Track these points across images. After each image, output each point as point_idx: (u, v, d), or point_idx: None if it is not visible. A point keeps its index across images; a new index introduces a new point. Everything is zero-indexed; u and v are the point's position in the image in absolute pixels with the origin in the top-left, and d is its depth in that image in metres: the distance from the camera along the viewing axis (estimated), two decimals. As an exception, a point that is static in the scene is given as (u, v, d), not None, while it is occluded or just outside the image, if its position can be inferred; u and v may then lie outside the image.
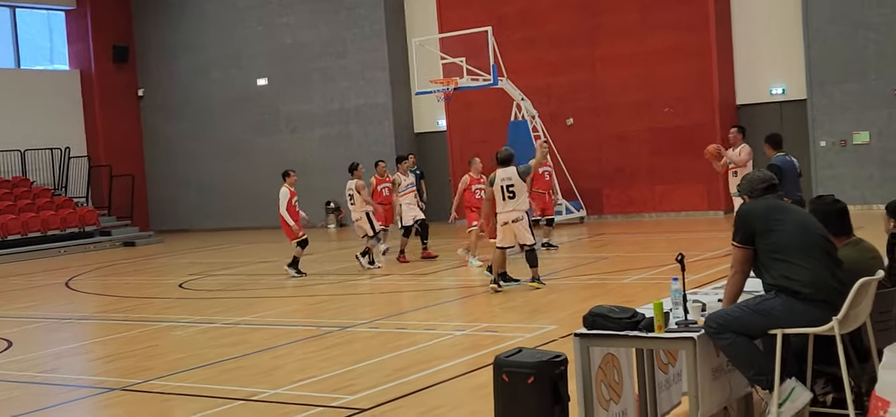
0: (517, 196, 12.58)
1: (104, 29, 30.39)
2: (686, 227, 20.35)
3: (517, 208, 12.60)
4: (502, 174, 12.63)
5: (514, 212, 12.60)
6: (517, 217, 12.59)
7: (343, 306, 12.96)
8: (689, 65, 22.23)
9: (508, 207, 12.61)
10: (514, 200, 12.57)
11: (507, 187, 12.56)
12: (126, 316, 13.82)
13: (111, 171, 29.72)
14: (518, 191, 12.58)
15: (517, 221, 12.59)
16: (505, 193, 12.58)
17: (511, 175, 12.58)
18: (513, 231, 12.62)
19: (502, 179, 12.61)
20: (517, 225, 12.60)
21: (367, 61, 26.92)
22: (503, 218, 12.66)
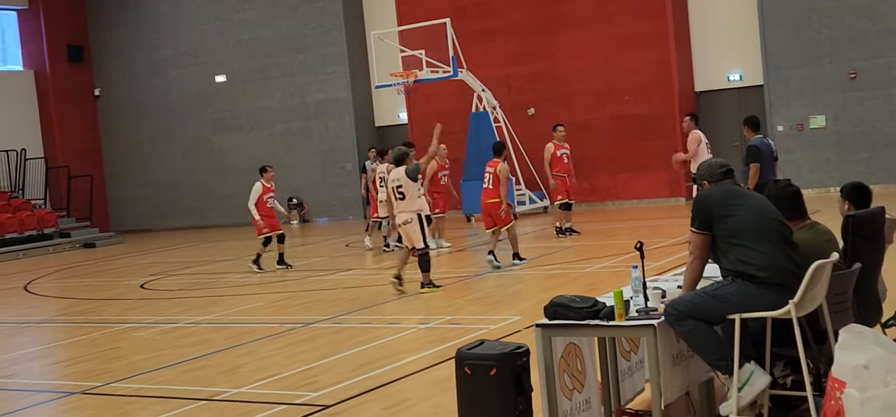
0: (407, 197, 12.28)
1: (58, 28, 29.98)
2: (648, 215, 20.48)
3: (407, 209, 12.31)
4: (393, 175, 12.40)
5: (404, 214, 12.34)
6: (407, 219, 12.31)
7: (306, 303, 12.91)
8: (647, 53, 22.36)
9: (398, 208, 12.38)
10: (404, 202, 12.29)
11: (397, 188, 12.32)
12: (87, 318, 13.67)
13: (69, 172, 29.36)
14: (407, 193, 12.28)
15: (407, 224, 12.31)
16: (395, 194, 12.36)
17: (400, 176, 12.32)
18: (405, 232, 12.39)
19: (393, 180, 12.38)
20: (407, 227, 12.31)
21: (326, 56, 26.80)
22: (398, 219, 12.49)
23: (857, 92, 20.74)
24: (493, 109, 22.72)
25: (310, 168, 26.87)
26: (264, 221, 16.26)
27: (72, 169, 29.45)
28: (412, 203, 12.31)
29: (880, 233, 6.30)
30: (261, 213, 16.34)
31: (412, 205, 12.32)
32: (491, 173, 14.35)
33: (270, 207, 16.53)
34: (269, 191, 16.53)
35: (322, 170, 26.85)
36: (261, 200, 16.32)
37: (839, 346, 5.07)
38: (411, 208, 12.32)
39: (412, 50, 21.93)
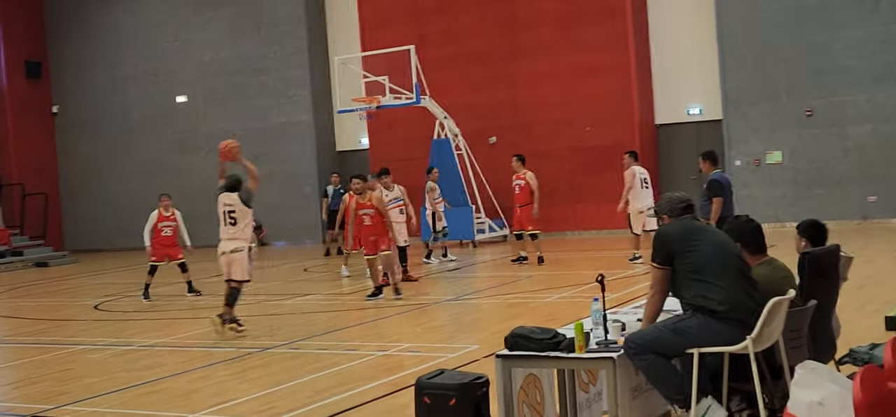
0: (238, 223, 11.67)
1: (16, 44, 29.64)
2: (607, 245, 20.59)
3: (239, 237, 11.72)
4: (226, 199, 11.73)
5: (235, 242, 11.70)
6: (237, 248, 11.69)
7: (262, 327, 12.79)
8: (608, 84, 22.55)
9: (228, 235, 11.72)
10: (235, 228, 11.67)
11: (229, 212, 11.70)
12: (38, 338, 13.43)
13: (24, 190, 28.96)
14: (240, 219, 11.67)
15: (235, 252, 11.68)
16: (226, 219, 11.70)
17: (233, 201, 11.70)
18: (228, 261, 11.73)
19: (224, 205, 11.74)
20: (235, 256, 11.67)
21: (288, 79, 26.74)
22: (221, 247, 11.78)
23: (812, 128, 21.06)
24: (455, 137, 22.76)
25: (269, 191, 26.53)
26: (157, 249, 16.25)
27: (26, 186, 29.06)
28: (246, 231, 11.78)
29: (835, 271, 6.38)
30: (155, 242, 16.31)
31: (246, 233, 11.79)
32: None
33: (166, 236, 16.43)
34: (164, 218, 16.51)
35: (281, 194, 26.70)
36: (155, 228, 16.39)
37: (795, 382, 5.11)
38: (244, 236, 11.76)
39: (375, 76, 21.94)
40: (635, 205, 16.36)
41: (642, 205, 16.14)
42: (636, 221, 16.41)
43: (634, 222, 16.51)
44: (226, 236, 11.78)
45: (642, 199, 16.29)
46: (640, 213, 16.16)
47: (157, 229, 16.44)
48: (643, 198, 16.32)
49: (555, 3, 23.07)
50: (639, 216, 16.26)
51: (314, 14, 26.67)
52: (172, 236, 16.58)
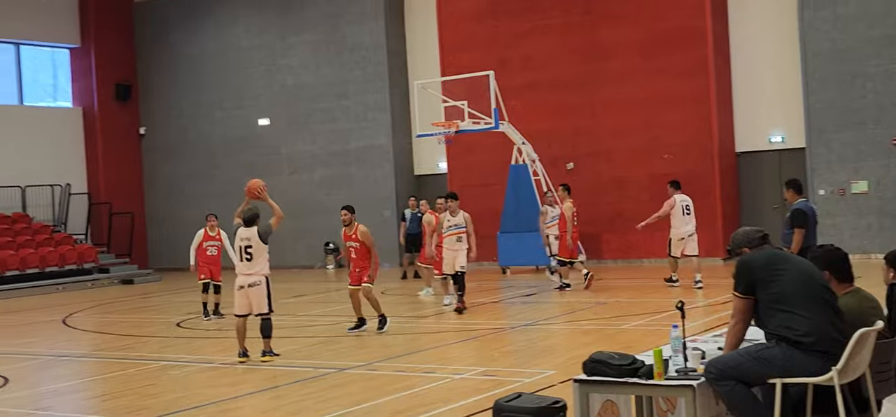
0: (254, 258, 11.76)
1: (108, 67, 30.54)
2: (684, 274, 20.30)
3: (255, 272, 11.83)
4: (243, 233, 11.83)
5: (251, 277, 11.83)
6: (255, 282, 11.81)
7: (340, 348, 12.94)
8: (688, 111, 22.33)
9: (245, 269, 11.82)
10: (251, 263, 11.77)
11: (245, 248, 11.80)
12: (123, 354, 13.78)
13: (111, 209, 29.75)
14: (256, 254, 11.77)
15: (253, 287, 11.82)
16: (243, 254, 11.80)
17: (250, 236, 11.79)
18: (247, 296, 11.86)
19: (241, 239, 11.83)
20: (253, 290, 11.82)
21: (368, 103, 27.05)
22: (238, 281, 11.89)
23: (900, 158, 20.57)
24: (533, 162, 22.75)
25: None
26: (203, 268, 16.54)
27: (114, 205, 29.84)
28: (262, 265, 11.86)
29: (925, 302, 6.23)
30: (200, 260, 16.55)
31: (263, 268, 11.87)
32: None
33: (211, 255, 16.67)
34: (210, 238, 16.77)
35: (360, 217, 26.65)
36: (200, 247, 16.63)
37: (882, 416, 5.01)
38: (261, 271, 11.85)
39: (455, 100, 22.06)
40: (677, 231, 17.43)
41: (683, 232, 17.36)
42: (676, 246, 17.43)
43: (674, 247, 17.49)
44: (242, 271, 11.89)
45: (683, 226, 17.41)
46: (681, 240, 17.33)
47: (202, 248, 16.78)
48: (684, 224, 17.42)
49: (635, 30, 22.96)
50: (679, 241, 17.38)
51: (394, 39, 26.97)
52: (216, 255, 16.92)
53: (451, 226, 15.70)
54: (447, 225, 15.68)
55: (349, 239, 13.83)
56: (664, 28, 22.59)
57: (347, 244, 13.89)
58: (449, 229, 15.71)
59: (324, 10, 27.74)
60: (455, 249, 15.63)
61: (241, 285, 11.90)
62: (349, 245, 13.86)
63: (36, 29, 29.52)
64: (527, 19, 24.21)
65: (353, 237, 13.75)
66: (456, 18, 25.17)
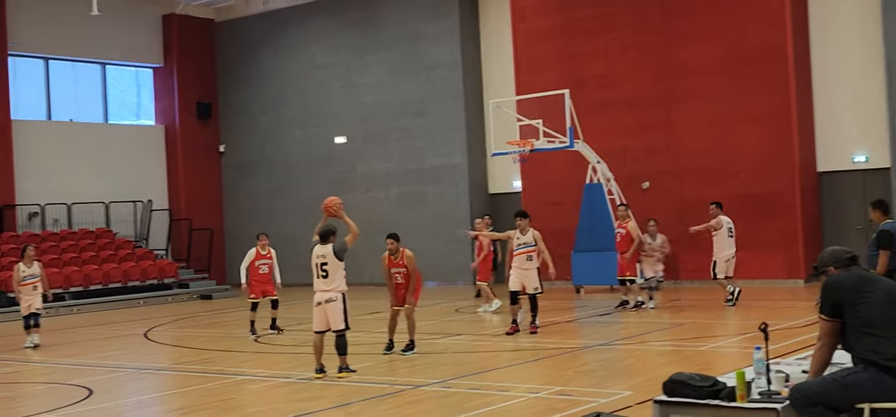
0: (330, 276, 11.83)
1: (189, 86, 31.23)
2: (764, 295, 19.97)
3: (330, 288, 11.87)
4: (319, 251, 11.90)
5: (327, 293, 11.87)
6: (331, 298, 11.85)
7: (416, 365, 12.98)
8: (768, 130, 21.98)
9: (321, 286, 11.89)
10: (326, 280, 11.84)
11: (321, 264, 11.87)
12: (203, 368, 14.02)
13: (191, 225, 30.33)
14: (332, 271, 11.83)
15: (330, 303, 11.87)
16: (318, 271, 11.87)
17: (326, 253, 11.86)
18: (324, 312, 11.93)
19: (317, 256, 11.91)
20: (330, 306, 11.86)
21: (444, 122, 27.18)
22: (316, 298, 11.93)
23: None
24: (607, 181, 22.60)
25: (422, 231, 27.11)
26: (255, 286, 16.75)
27: (193, 221, 30.43)
28: (339, 282, 11.91)
29: None
30: (252, 279, 16.65)
31: (340, 285, 11.93)
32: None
33: (263, 273, 16.85)
34: (261, 256, 16.96)
35: (434, 234, 27.05)
36: (253, 265, 16.79)
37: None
38: (338, 287, 11.91)
39: (530, 119, 22.04)
40: (722, 253, 17.99)
41: (727, 254, 17.95)
42: (722, 268, 17.97)
43: (719, 269, 18.00)
44: (319, 288, 11.98)
45: (727, 248, 17.99)
46: (726, 261, 17.96)
47: (254, 266, 17.03)
48: (728, 247, 18.00)
49: (713, 47, 22.69)
50: (724, 264, 17.96)
51: (470, 59, 27.08)
52: (268, 273, 17.18)
53: (520, 245, 15.34)
54: (517, 243, 15.38)
55: (395, 266, 13.81)
56: (743, 45, 22.29)
57: (393, 271, 13.85)
58: (519, 248, 15.35)
59: (401, 29, 28.00)
60: (524, 268, 15.20)
61: (318, 301, 12.01)
62: (395, 272, 13.84)
63: (121, 50, 30.31)
64: (602, 38, 24.12)
65: (399, 264, 13.75)
66: (531, 37, 25.18)
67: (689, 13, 23.00)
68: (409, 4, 27.81)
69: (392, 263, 13.85)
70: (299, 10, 30.05)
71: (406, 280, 13.80)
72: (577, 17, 24.49)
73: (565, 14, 24.65)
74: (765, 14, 21.99)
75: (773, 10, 21.86)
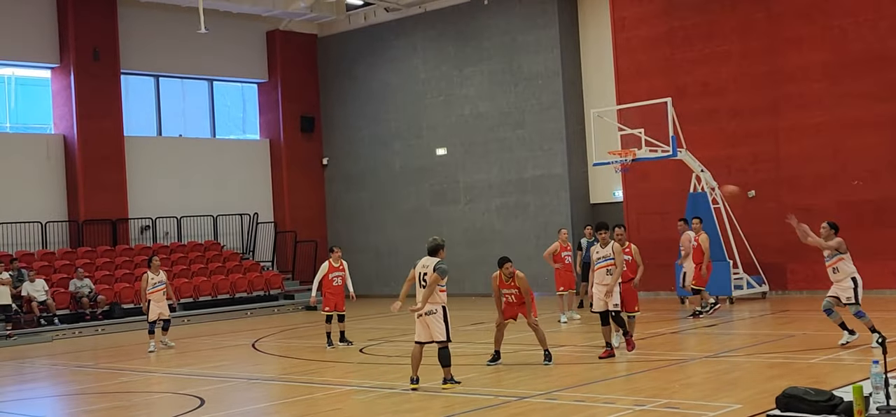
0: (429, 286, 11.97)
1: (293, 100, 31.88)
2: (877, 306, 19.34)
3: (431, 301, 11.99)
4: (424, 261, 12.23)
5: (428, 305, 12.01)
6: (429, 310, 12.02)
7: (520, 376, 12.98)
8: (879, 135, 21.37)
9: (420, 296, 12.04)
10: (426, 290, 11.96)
11: (422, 275, 12.06)
12: (310, 378, 14.27)
13: (296, 237, 30.92)
14: (430, 282, 11.97)
15: (429, 315, 12.04)
16: (420, 281, 12.05)
17: (429, 265, 12.12)
18: (426, 323, 12.09)
19: (422, 267, 12.18)
20: (430, 318, 12.06)
21: (544, 132, 27.14)
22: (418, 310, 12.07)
23: None
24: (712, 190, 22.25)
25: (524, 242, 27.11)
26: (328, 299, 17.13)
27: (298, 233, 31.01)
28: (436, 295, 12.05)
29: None
30: (326, 291, 16.94)
31: (439, 297, 12.07)
32: None
33: (336, 285, 16.97)
34: (335, 269, 17.08)
35: (536, 245, 26.99)
36: (326, 278, 17.14)
37: None
38: (438, 299, 12.05)
39: (631, 128, 21.86)
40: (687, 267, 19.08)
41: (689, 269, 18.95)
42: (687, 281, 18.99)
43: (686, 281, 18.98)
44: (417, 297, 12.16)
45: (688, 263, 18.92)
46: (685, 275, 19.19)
47: (328, 279, 17.25)
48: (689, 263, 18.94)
49: (821, 53, 22.17)
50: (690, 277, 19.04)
51: (570, 67, 27.00)
52: (341, 286, 17.43)
53: (599, 259, 14.49)
54: (596, 257, 14.56)
55: (507, 287, 13.84)
56: (852, 50, 21.74)
57: (505, 292, 13.88)
58: (599, 261, 14.50)
59: (500, 40, 28.08)
60: (603, 284, 14.26)
61: (418, 314, 12.18)
62: (506, 293, 13.88)
63: (227, 65, 31.14)
64: (705, 45, 23.80)
65: (511, 285, 13.78)
66: (632, 46, 24.99)
67: (795, 18, 22.55)
68: (509, 15, 27.88)
69: (504, 284, 13.90)
70: (399, 24, 30.40)
71: (518, 299, 13.85)
72: (679, 24, 24.22)
73: (667, 22, 24.40)
74: (876, 18, 21.45)
75: (885, 14, 21.27)
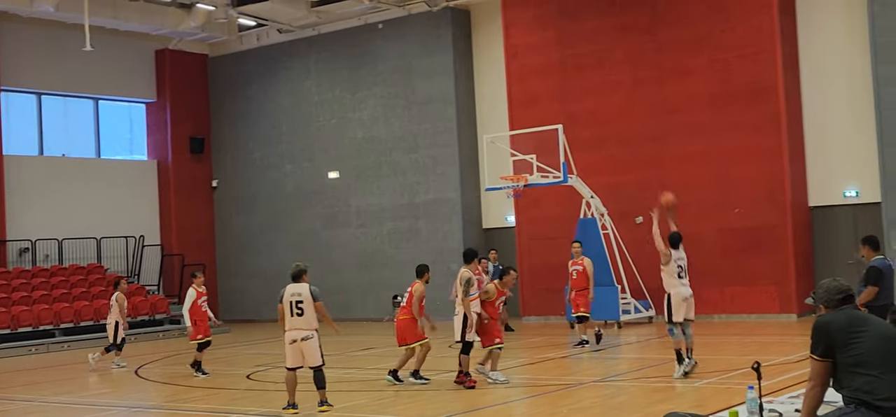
0: (305, 313, 12.10)
1: (182, 121, 31.26)
2: (757, 331, 19.98)
3: (306, 327, 12.10)
4: (292, 289, 12.23)
5: (303, 331, 12.10)
6: (307, 336, 12.10)
7: (411, 402, 12.92)
8: (760, 165, 22.07)
9: (296, 324, 12.11)
10: (302, 318, 12.08)
11: (296, 303, 12.13)
12: (194, 405, 13.93)
13: (183, 260, 30.23)
14: (306, 309, 12.11)
15: (306, 340, 12.10)
16: (293, 309, 12.12)
17: (301, 291, 12.16)
18: (300, 349, 12.10)
19: (291, 295, 12.18)
20: (307, 344, 12.08)
21: (437, 156, 27.21)
22: (290, 336, 12.13)
23: (981, 214, 20.01)
24: (601, 216, 22.64)
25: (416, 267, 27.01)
26: (200, 326, 16.90)
27: (186, 257, 30.33)
28: (314, 319, 12.15)
29: None
30: (196, 318, 16.81)
31: (314, 322, 12.16)
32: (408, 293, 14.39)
33: (204, 312, 16.99)
34: (201, 295, 16.95)
35: (428, 270, 26.96)
36: (195, 305, 16.89)
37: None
38: (313, 325, 12.15)
39: (523, 154, 22.09)
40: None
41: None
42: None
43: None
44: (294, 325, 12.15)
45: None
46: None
47: (197, 305, 17.03)
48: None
49: (706, 84, 22.82)
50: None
51: (464, 93, 27.17)
52: (207, 312, 17.32)
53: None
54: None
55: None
56: (735, 82, 22.43)
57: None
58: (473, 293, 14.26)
59: (394, 64, 28.10)
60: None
61: (293, 339, 12.14)
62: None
63: (114, 84, 30.37)
64: (596, 74, 24.24)
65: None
66: (525, 73, 25.30)
67: (682, 50, 23.16)
68: (403, 40, 27.93)
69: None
70: (293, 46, 30.16)
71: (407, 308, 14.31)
72: (570, 53, 24.63)
73: (559, 51, 24.79)
74: (757, 52, 22.17)
75: (765, 48, 22.03)
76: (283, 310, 12.13)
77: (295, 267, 12.46)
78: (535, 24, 25.28)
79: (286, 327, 12.15)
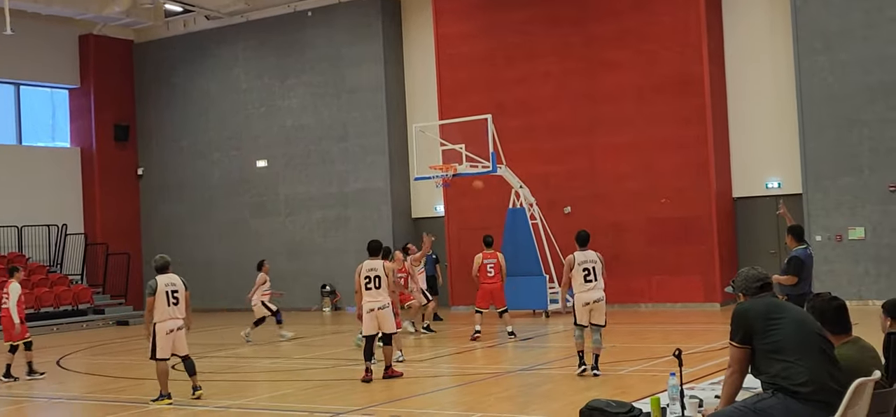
0: (181, 303, 12.62)
1: (106, 108, 30.62)
2: (682, 319, 20.30)
3: (181, 316, 12.60)
4: (167, 280, 12.64)
5: (178, 321, 12.58)
6: (181, 326, 12.62)
7: (338, 392, 12.86)
8: (686, 156, 22.41)
9: (173, 314, 12.55)
10: (177, 307, 12.56)
11: (172, 292, 12.55)
12: (116, 397, 13.69)
13: (107, 249, 29.67)
14: (182, 299, 12.63)
15: (180, 330, 12.62)
16: (170, 299, 12.52)
17: (175, 282, 12.66)
18: (173, 340, 12.55)
19: (167, 285, 12.59)
20: (180, 333, 12.60)
21: (367, 145, 27.10)
22: (168, 325, 12.48)
23: (897, 205, 20.59)
24: (530, 206, 22.77)
25: (345, 256, 26.96)
26: (22, 326, 15.60)
27: (110, 246, 29.77)
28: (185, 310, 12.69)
29: (923, 352, 6.21)
30: (21, 317, 15.59)
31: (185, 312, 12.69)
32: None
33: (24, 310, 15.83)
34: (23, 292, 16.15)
35: (357, 259, 26.77)
36: (19, 302, 15.62)
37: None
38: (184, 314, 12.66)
39: (452, 144, 22.10)
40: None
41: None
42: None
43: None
44: (171, 315, 12.48)
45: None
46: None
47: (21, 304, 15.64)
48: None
49: (633, 75, 23.09)
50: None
51: (394, 82, 27.09)
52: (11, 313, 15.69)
53: None
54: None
55: None
56: (662, 74, 22.72)
57: None
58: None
59: (323, 52, 27.89)
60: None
61: (169, 329, 12.42)
62: None
63: (36, 69, 29.64)
64: (525, 64, 24.35)
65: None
66: (455, 62, 25.31)
67: (610, 42, 23.38)
68: (332, 28, 27.73)
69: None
70: (220, 33, 29.75)
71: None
72: (500, 44, 24.70)
73: (489, 41, 24.84)
74: (683, 45, 22.48)
75: (691, 41, 22.36)
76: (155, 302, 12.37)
77: (160, 259, 12.85)
78: (465, 14, 25.31)
79: (163, 317, 12.40)
